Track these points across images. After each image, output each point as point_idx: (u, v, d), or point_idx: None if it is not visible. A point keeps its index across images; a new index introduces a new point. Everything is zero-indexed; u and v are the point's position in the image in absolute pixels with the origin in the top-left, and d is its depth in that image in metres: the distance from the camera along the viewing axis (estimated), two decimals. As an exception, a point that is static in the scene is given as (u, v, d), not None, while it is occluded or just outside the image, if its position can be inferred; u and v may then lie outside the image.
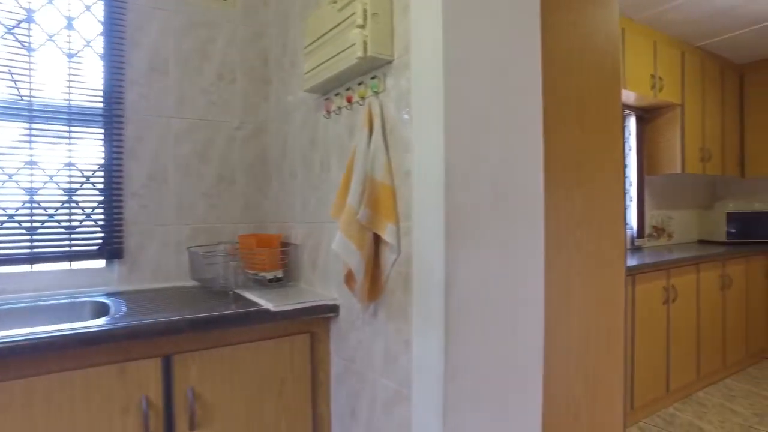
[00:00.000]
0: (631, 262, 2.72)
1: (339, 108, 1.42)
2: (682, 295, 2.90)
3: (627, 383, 2.54)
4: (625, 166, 1.70)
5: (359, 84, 1.31)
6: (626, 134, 3.60)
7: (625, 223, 1.54)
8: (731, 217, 3.85)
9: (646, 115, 3.64)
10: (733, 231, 3.85)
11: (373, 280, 1.22)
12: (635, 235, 3.56)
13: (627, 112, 3.53)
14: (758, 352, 3.67)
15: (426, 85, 1.05)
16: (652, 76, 3.18)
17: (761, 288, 3.65)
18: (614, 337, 1.47)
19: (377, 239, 1.20)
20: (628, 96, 3.19)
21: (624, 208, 1.56)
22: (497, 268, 1.08)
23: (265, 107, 1.98)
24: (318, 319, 1.46)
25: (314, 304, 1.41)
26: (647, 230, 3.67)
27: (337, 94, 1.43)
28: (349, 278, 1.23)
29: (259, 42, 1.98)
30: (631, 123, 3.60)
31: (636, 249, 3.49)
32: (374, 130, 1.20)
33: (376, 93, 1.24)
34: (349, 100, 1.35)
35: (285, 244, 1.77)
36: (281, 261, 1.72)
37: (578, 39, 1.40)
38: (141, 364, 1.18)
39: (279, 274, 1.71)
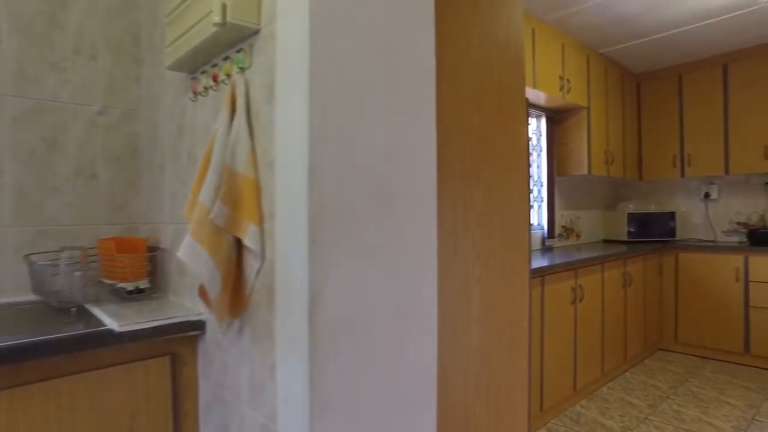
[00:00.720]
0: (542, 262, 2.72)
1: (206, 89, 1.20)
2: (589, 294, 2.95)
3: (537, 385, 2.52)
4: (529, 164, 1.61)
5: (225, 59, 1.10)
6: (537, 135, 3.65)
7: (530, 223, 1.45)
8: (631, 218, 4.04)
9: (555, 117, 3.71)
10: (633, 230, 4.04)
11: (235, 293, 1.02)
12: (546, 235, 3.61)
13: (538, 112, 3.57)
14: (653, 345, 3.87)
15: (291, 59, 0.87)
16: (560, 78, 3.22)
17: (656, 284, 3.85)
18: (518, 347, 1.38)
19: (242, 243, 1.00)
20: (539, 96, 3.22)
21: (529, 207, 1.47)
22: (379, 278, 0.92)
23: (136, 90, 1.70)
24: (181, 339, 1.23)
25: (172, 321, 1.17)
26: (557, 230, 3.75)
27: (203, 72, 1.21)
28: (203, 291, 1.02)
29: (129, 13, 1.70)
30: (542, 124, 3.65)
31: (547, 249, 3.54)
32: (237, 113, 1.00)
33: (242, 69, 1.03)
34: (215, 79, 1.14)
35: (153, 249, 1.51)
36: (146, 269, 1.46)
37: (478, 24, 1.29)
38: None
39: (143, 284, 1.45)
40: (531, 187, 3.57)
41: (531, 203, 3.57)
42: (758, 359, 3.47)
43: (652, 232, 4.04)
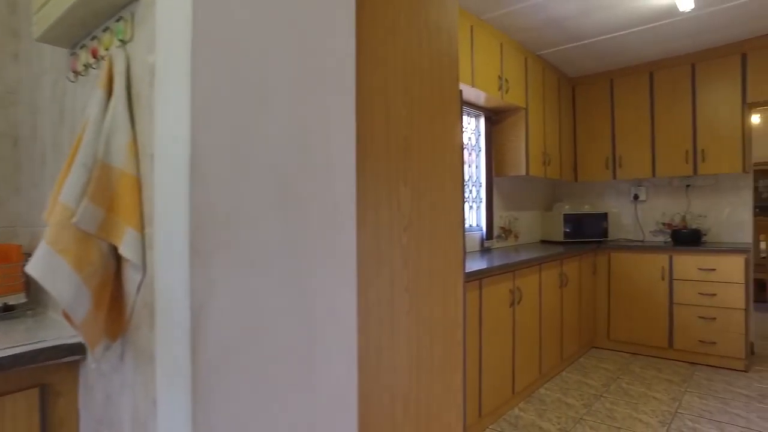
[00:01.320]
0: (481, 264, 2.67)
1: (86, 66, 1.01)
2: (527, 296, 2.94)
3: (475, 391, 2.46)
4: (464, 162, 1.53)
5: (105, 30, 0.92)
6: (476, 134, 3.62)
7: (464, 226, 1.35)
8: (567, 218, 4.12)
9: (494, 117, 3.70)
10: (569, 231, 4.12)
11: (113, 310, 0.84)
12: (484, 236, 3.59)
13: (477, 112, 3.55)
14: (587, 343, 3.96)
15: (170, 29, 0.71)
16: (499, 78, 3.21)
17: (590, 283, 3.95)
18: (452, 361, 1.28)
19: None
20: (479, 96, 3.18)
21: (463, 209, 1.38)
22: (282, 291, 0.78)
23: (14, 69, 1.46)
24: (57, 366, 1.03)
25: (43, 345, 0.97)
26: (496, 231, 3.75)
27: (83, 47, 1.02)
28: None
29: (8, -20, 1.45)
30: (481, 123, 3.63)
31: (486, 250, 3.52)
32: (114, 95, 0.83)
33: (123, 42, 0.86)
34: (95, 55, 0.95)
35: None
36: (22, 281, 1.23)
37: (406, 3, 1.18)
38: None
39: (18, 299, 1.23)
40: (470, 188, 3.55)
41: (470, 204, 3.54)
42: (680, 353, 3.62)
43: (587, 232, 4.14)
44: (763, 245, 5.70)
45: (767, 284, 5.32)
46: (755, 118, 5.62)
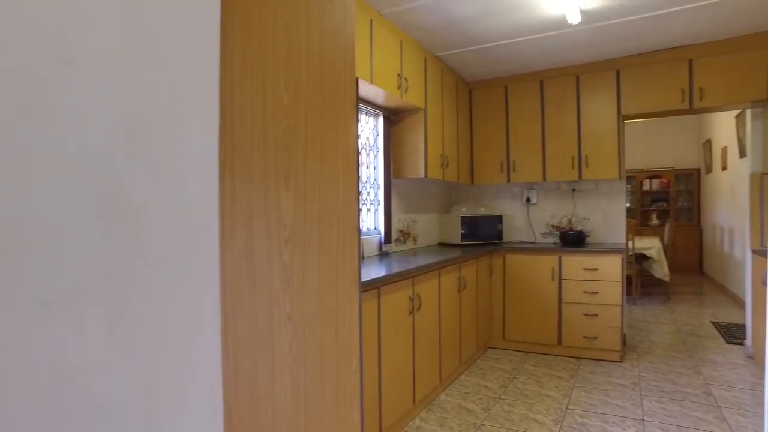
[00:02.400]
0: (379, 271, 2.51)
1: None
2: (426, 302, 2.85)
3: (375, 405, 2.30)
4: (359, 163, 1.32)
5: None
6: (375, 134, 3.49)
7: (360, 235, 1.16)
8: (464, 221, 4.15)
9: (393, 117, 3.60)
10: (466, 233, 4.16)
11: None
12: (383, 240, 3.47)
13: (375, 111, 3.41)
14: (484, 344, 4.02)
15: None
16: (399, 76, 3.10)
17: (486, 285, 4.01)
18: (348, 395, 1.08)
19: None
20: (377, 94, 3.04)
21: (358, 216, 1.19)
22: (104, 346, 0.52)
23: None
24: None
25: None
26: (394, 235, 3.64)
27: None
28: None
29: None
30: (380, 123, 3.50)
31: (384, 254, 3.39)
32: None
33: None
34: None
35: None
36: None
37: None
38: None
39: None
40: (368, 190, 3.40)
41: (368, 207, 3.40)
42: (568, 349, 3.80)
43: (483, 234, 4.21)
44: (630, 245, 6.30)
45: (633, 280, 5.87)
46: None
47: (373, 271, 2.47)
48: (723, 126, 6.77)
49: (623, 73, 3.82)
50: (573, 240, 4.01)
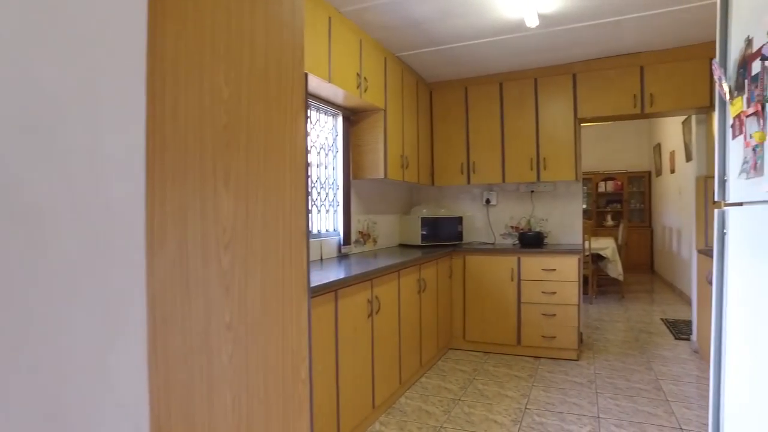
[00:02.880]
0: (338, 273, 2.46)
1: None
2: (386, 304, 2.82)
3: (333, 412, 2.24)
4: (308, 161, 1.27)
5: None
6: (334, 134, 3.43)
7: (308, 239, 1.11)
8: (424, 222, 4.15)
9: (353, 117, 3.55)
10: (426, 234, 4.15)
11: None
12: (342, 241, 3.41)
13: (334, 110, 3.35)
14: (444, 345, 4.02)
15: None
16: (358, 75, 3.05)
17: (447, 286, 4.02)
18: (296, 408, 1.02)
19: None
20: (337, 93, 2.99)
21: (307, 219, 1.14)
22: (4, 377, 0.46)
23: None
24: None
25: None
26: (354, 236, 3.59)
27: None
28: None
29: None
30: (339, 123, 3.45)
31: (343, 256, 3.34)
32: None
33: None
34: None
35: None
36: None
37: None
38: None
39: None
40: (327, 191, 3.34)
41: (327, 208, 3.34)
42: (527, 348, 3.86)
43: (443, 235, 4.21)
44: (586, 245, 6.48)
45: (589, 279, 6.04)
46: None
47: (331, 274, 2.42)
48: (671, 131, 7.07)
49: (579, 78, 3.91)
50: (531, 241, 4.08)
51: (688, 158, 6.04)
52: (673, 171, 7.07)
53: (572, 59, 3.88)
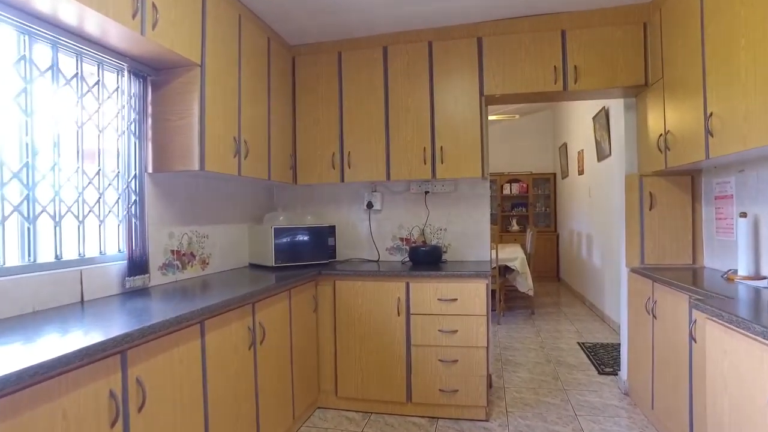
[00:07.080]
0: (84, 337, 1.21)
1: None
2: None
3: None
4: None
5: None
6: (130, 105, 2.12)
7: None
8: (279, 234, 3.00)
9: (156, 78, 2.28)
10: (282, 251, 3.00)
11: None
12: (128, 270, 2.12)
13: (118, 63, 2.05)
14: (311, 405, 2.88)
15: None
16: (124, -10, 1.80)
17: (310, 325, 2.87)
18: None
19: None
20: (99, 23, 1.72)
21: None
22: None
23: None
24: None
25: None
26: (162, 258, 2.32)
27: None
28: None
29: None
30: (134, 86, 2.14)
31: (133, 293, 2.06)
32: None
33: None
34: None
35: None
36: None
37: None
38: None
39: None
40: (109, 187, 2.05)
41: (100, 219, 2.05)
42: (420, 407, 2.83)
43: (307, 252, 3.08)
44: (493, 254, 5.70)
45: (497, 294, 5.25)
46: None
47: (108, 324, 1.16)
48: (579, 129, 6.56)
49: (487, 43, 2.97)
50: (426, 257, 3.08)
51: (600, 157, 5.46)
52: (581, 172, 6.55)
53: (476, 18, 2.94)
